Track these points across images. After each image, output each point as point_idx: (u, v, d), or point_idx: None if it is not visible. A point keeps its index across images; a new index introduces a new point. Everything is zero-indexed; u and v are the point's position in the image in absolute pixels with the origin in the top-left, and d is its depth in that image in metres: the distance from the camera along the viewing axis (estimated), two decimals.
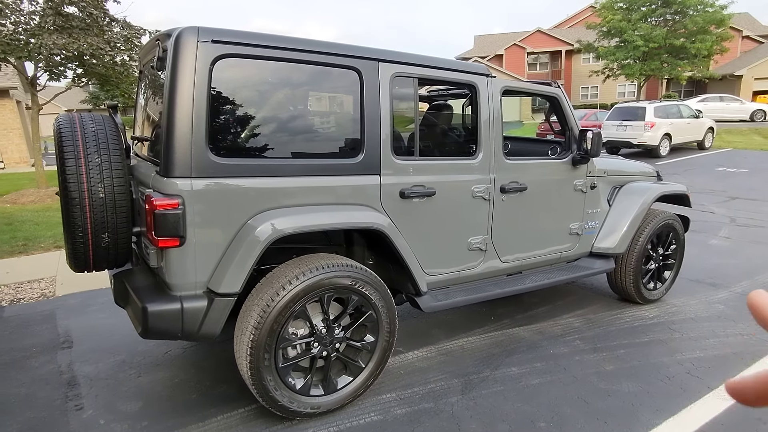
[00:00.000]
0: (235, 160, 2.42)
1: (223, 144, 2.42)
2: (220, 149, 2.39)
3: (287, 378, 2.58)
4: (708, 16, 26.12)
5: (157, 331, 2.31)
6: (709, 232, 6.84)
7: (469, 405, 2.87)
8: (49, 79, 9.92)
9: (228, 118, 2.45)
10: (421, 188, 2.95)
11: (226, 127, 2.45)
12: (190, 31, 2.28)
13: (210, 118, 2.31)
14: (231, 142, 2.47)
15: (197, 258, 2.34)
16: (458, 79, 3.15)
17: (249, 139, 2.53)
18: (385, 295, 2.79)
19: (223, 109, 2.42)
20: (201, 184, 2.30)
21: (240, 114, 2.50)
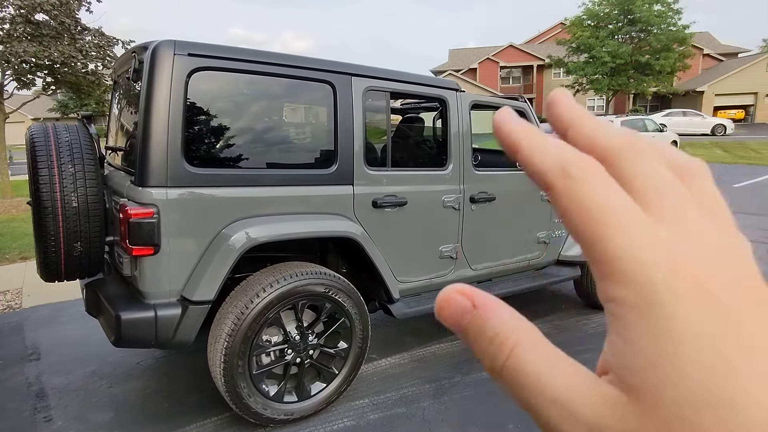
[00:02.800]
0: (210, 170, 2.47)
1: (199, 154, 2.47)
2: (196, 159, 2.43)
3: (261, 385, 2.61)
4: (671, 35, 27.27)
5: (130, 339, 2.33)
6: None
7: (440, 409, 2.95)
8: (18, 87, 9.72)
9: (203, 129, 2.50)
10: (393, 198, 3.04)
11: (201, 138, 2.50)
12: (166, 45, 2.33)
13: (185, 129, 2.36)
14: (206, 152, 2.52)
15: (171, 266, 2.37)
16: (429, 93, 3.27)
17: (224, 150, 2.58)
18: (358, 303, 2.86)
19: (199, 120, 2.47)
20: (176, 193, 2.34)
21: (215, 125, 2.56)
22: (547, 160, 0.23)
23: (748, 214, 8.86)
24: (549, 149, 0.23)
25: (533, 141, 0.24)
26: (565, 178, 0.22)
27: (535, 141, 0.24)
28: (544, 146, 0.23)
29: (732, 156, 17.39)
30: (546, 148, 0.23)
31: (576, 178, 0.22)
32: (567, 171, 0.22)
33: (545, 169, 0.23)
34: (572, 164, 0.22)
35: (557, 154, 0.23)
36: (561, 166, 0.22)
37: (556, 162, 0.23)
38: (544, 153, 0.23)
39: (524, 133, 0.24)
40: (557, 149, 0.23)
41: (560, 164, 0.22)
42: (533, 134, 0.24)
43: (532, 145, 0.24)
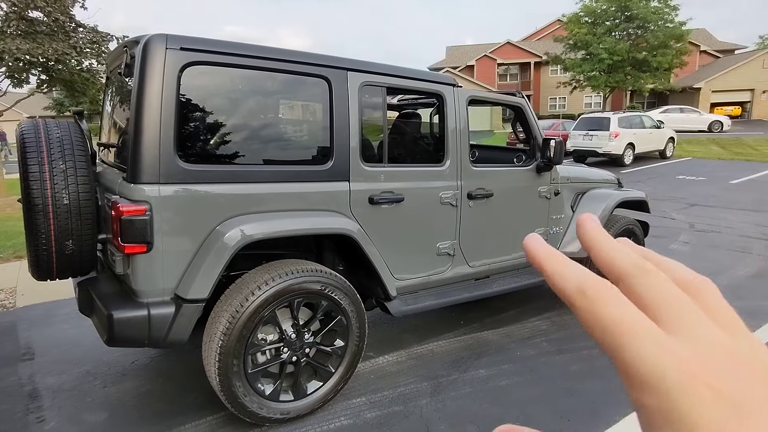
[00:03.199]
0: (204, 166, 2.44)
1: (192, 150, 2.43)
2: (189, 155, 2.40)
3: (256, 384, 2.58)
4: (668, 31, 27.25)
5: (123, 338, 2.29)
6: (669, 237, 7.11)
7: (438, 407, 2.92)
8: (11, 85, 9.65)
9: (197, 125, 2.46)
10: (390, 194, 3.01)
11: (194, 134, 2.46)
12: (158, 39, 2.29)
13: (178, 124, 2.32)
14: (200, 148, 2.49)
15: (165, 264, 2.34)
16: (426, 88, 3.24)
17: (218, 146, 2.55)
18: (354, 300, 2.83)
19: (192, 116, 2.43)
20: (169, 190, 2.31)
21: (209, 121, 2.52)
22: (568, 283, 0.27)
23: (745, 210, 8.86)
24: (568, 274, 0.28)
25: (556, 266, 0.29)
26: (584, 298, 0.26)
27: (558, 266, 0.29)
28: (564, 271, 0.28)
29: (729, 152, 17.40)
30: (566, 272, 0.28)
31: (592, 298, 0.26)
32: (584, 293, 0.26)
33: (566, 290, 0.27)
34: (588, 287, 0.26)
35: (575, 278, 0.27)
36: (579, 289, 0.26)
37: (575, 285, 0.27)
38: (565, 277, 0.28)
39: (548, 259, 0.29)
40: (575, 274, 0.27)
41: (578, 287, 0.27)
42: (556, 260, 0.29)
43: (555, 270, 0.28)
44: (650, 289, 0.26)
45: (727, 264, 5.74)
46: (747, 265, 5.69)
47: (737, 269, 5.56)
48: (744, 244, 6.65)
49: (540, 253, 0.30)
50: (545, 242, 0.31)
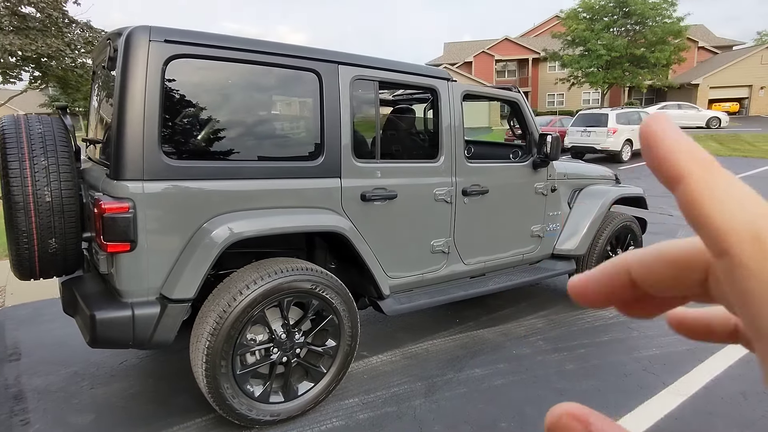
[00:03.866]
0: (190, 162, 2.37)
1: (177, 146, 2.37)
2: (174, 151, 2.33)
3: (245, 385, 2.52)
4: (666, 27, 27.17)
5: (106, 339, 2.23)
6: (667, 233, 7.07)
7: (432, 408, 2.87)
8: (3, 81, 9.55)
9: (182, 120, 2.39)
10: (383, 191, 2.95)
11: (180, 129, 2.39)
12: (141, 30, 2.22)
13: (163, 119, 2.26)
14: (185, 144, 2.42)
15: (149, 263, 2.27)
16: (419, 82, 3.17)
17: (204, 142, 2.48)
18: (346, 299, 2.77)
19: (177, 110, 2.36)
20: (153, 187, 2.24)
21: (195, 116, 2.45)
22: (731, 215, 0.18)
23: None
24: (737, 200, 0.18)
25: (711, 175, 0.19)
26: (758, 252, 0.17)
27: (716, 177, 0.19)
28: (729, 191, 0.18)
29: (727, 149, 17.36)
30: (732, 196, 0.18)
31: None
32: (764, 243, 0.17)
33: (724, 225, 0.18)
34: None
35: (750, 212, 0.18)
36: (755, 233, 0.18)
37: (746, 224, 0.18)
38: (726, 201, 0.18)
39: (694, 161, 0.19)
40: (750, 204, 0.18)
41: (754, 229, 0.18)
42: (708, 164, 0.19)
43: (707, 181, 0.19)
44: None
45: None
46: None
47: None
48: None
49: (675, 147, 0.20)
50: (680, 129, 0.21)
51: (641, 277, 0.23)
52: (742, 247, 0.18)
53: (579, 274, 0.26)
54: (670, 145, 0.20)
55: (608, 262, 0.25)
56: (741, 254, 0.18)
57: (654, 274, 0.23)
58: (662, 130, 0.20)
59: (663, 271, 0.23)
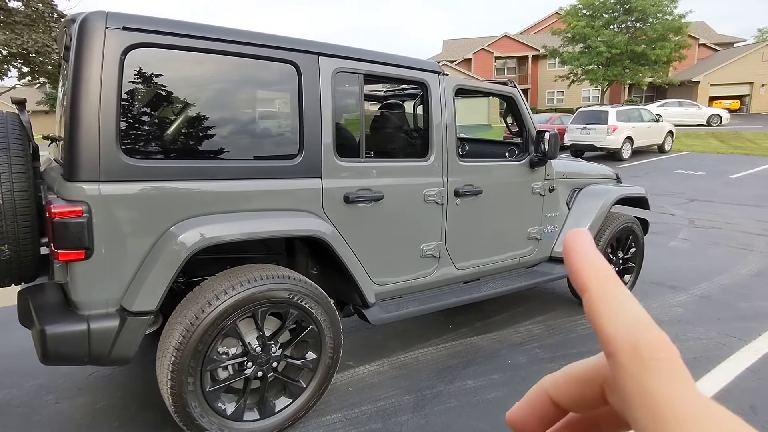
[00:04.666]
0: (152, 162, 2.17)
1: (139, 144, 2.16)
2: (134, 150, 2.13)
3: (216, 403, 2.33)
4: (667, 24, 26.94)
5: (58, 356, 2.03)
6: (668, 234, 6.88)
7: (420, 424, 2.68)
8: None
9: (144, 116, 2.19)
10: (368, 192, 2.75)
11: (142, 126, 2.19)
12: (97, 17, 2.02)
13: (121, 115, 2.06)
14: (148, 142, 2.21)
15: (108, 272, 2.07)
16: (408, 76, 2.97)
17: (169, 139, 2.28)
18: (327, 309, 2.58)
19: (138, 105, 2.16)
20: (110, 189, 2.04)
21: (159, 111, 2.25)
22: (618, 328, 0.22)
23: (745, 205, 8.63)
24: (620, 312, 0.22)
25: (604, 293, 0.23)
26: (635, 358, 0.21)
27: (607, 294, 0.23)
28: (615, 305, 0.22)
29: (728, 146, 17.17)
30: (617, 309, 0.22)
31: (647, 364, 0.20)
32: (638, 350, 0.21)
33: (611, 335, 0.22)
34: (646, 343, 0.21)
35: (630, 325, 0.22)
36: (631, 342, 0.21)
37: (627, 334, 0.21)
38: (614, 315, 0.22)
39: (596, 279, 0.23)
40: (631, 316, 0.22)
41: (631, 339, 0.21)
42: (607, 282, 0.23)
43: (602, 297, 0.23)
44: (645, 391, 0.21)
45: (729, 262, 5.51)
46: (750, 263, 5.46)
47: (740, 267, 5.33)
48: (746, 240, 6.42)
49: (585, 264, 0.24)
50: (594, 247, 0.25)
51: (557, 397, 0.27)
52: (622, 352, 0.21)
53: (512, 408, 0.30)
54: (581, 260, 0.25)
55: (530, 390, 0.29)
56: (622, 358, 0.21)
57: (565, 392, 0.27)
58: (578, 244, 0.25)
59: (572, 389, 0.26)
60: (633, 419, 0.21)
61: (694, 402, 0.20)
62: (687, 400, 0.20)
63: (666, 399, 0.20)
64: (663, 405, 0.20)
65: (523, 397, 0.30)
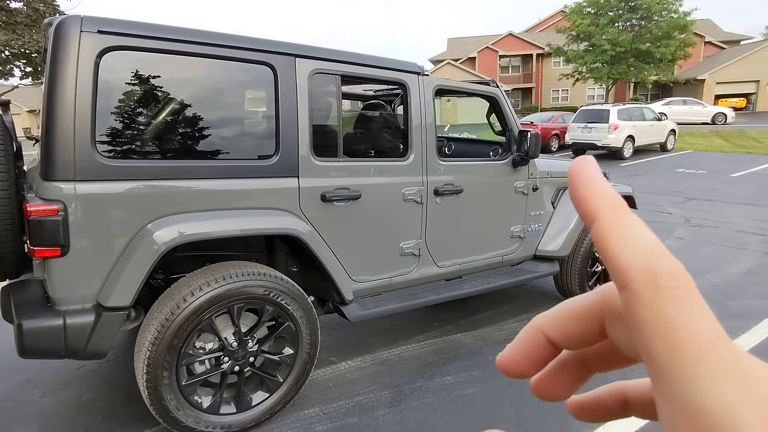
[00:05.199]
0: (127, 161, 2.23)
1: (113, 145, 2.22)
2: (111, 150, 2.19)
3: (192, 396, 2.39)
4: (672, 22, 26.75)
5: (35, 350, 2.10)
6: (663, 232, 6.87)
7: (395, 419, 2.73)
8: None
9: (119, 117, 2.25)
10: (346, 191, 2.80)
11: (117, 127, 2.25)
12: (72, 21, 2.08)
13: (96, 116, 2.12)
14: (122, 142, 2.27)
15: (84, 269, 2.14)
16: (386, 76, 3.02)
17: (144, 140, 2.34)
18: (304, 305, 2.63)
19: (113, 107, 2.22)
20: (86, 188, 2.10)
21: (134, 112, 2.31)
22: (631, 255, 0.21)
23: (744, 204, 8.60)
24: (636, 239, 0.21)
25: (619, 218, 0.22)
26: (652, 286, 0.20)
27: (622, 221, 0.22)
28: (630, 232, 0.21)
29: (731, 145, 17.06)
30: (632, 235, 0.21)
31: (665, 292, 0.20)
32: (656, 278, 0.20)
33: (625, 263, 0.21)
34: (664, 272, 0.20)
35: (646, 251, 0.21)
36: (649, 269, 0.20)
37: (643, 261, 0.21)
38: (629, 242, 0.21)
39: (608, 204, 0.23)
40: (646, 243, 0.21)
41: (650, 268, 0.20)
42: (619, 209, 0.22)
43: (616, 223, 0.22)
44: None
45: (720, 261, 5.51)
46: (741, 262, 5.46)
47: (731, 266, 5.33)
48: (740, 239, 6.41)
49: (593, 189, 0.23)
50: (602, 175, 0.23)
51: (553, 334, 0.27)
52: (638, 281, 0.20)
53: (503, 351, 0.28)
54: (588, 187, 0.23)
55: (524, 330, 0.28)
56: (637, 287, 0.20)
57: (563, 329, 0.26)
58: (585, 172, 0.24)
59: (570, 324, 0.26)
60: (648, 351, 0.20)
61: (713, 331, 0.19)
62: (707, 329, 0.19)
63: (685, 328, 0.19)
64: (682, 334, 0.19)
65: (514, 340, 0.29)
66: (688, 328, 0.19)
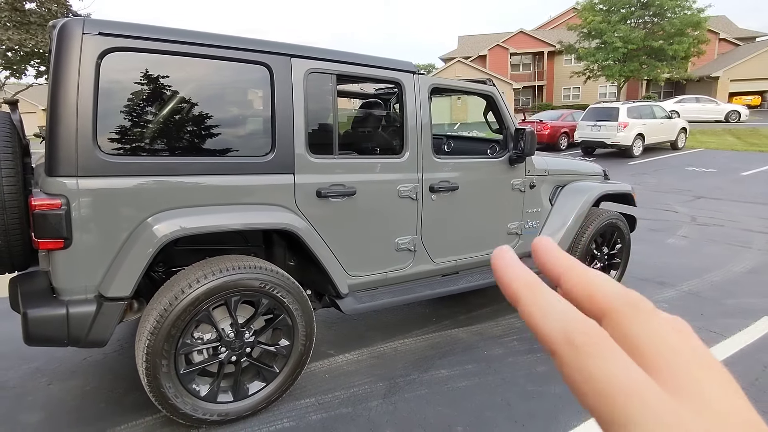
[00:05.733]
0: (128, 158, 2.32)
1: (114, 142, 2.32)
2: (111, 147, 2.29)
3: (190, 385, 2.48)
4: (685, 19, 26.41)
5: (39, 337, 2.21)
6: (668, 231, 6.86)
7: (388, 410, 2.80)
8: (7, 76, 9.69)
9: (120, 116, 2.34)
10: (341, 188, 2.87)
11: (118, 125, 2.34)
12: (74, 23, 2.18)
13: (98, 115, 2.21)
14: (124, 140, 2.36)
15: (86, 261, 2.24)
16: (382, 76, 3.08)
17: (144, 137, 2.43)
18: (299, 298, 2.71)
19: (114, 106, 2.31)
20: (88, 183, 2.20)
21: (134, 111, 2.40)
22: (550, 324, 0.23)
23: (752, 203, 8.53)
24: (551, 310, 0.24)
25: (534, 297, 0.24)
26: (570, 347, 0.22)
27: (537, 297, 0.24)
28: (546, 305, 0.24)
29: (743, 143, 16.86)
30: (548, 308, 0.24)
31: (582, 350, 0.22)
32: (571, 339, 0.22)
33: (547, 333, 0.23)
34: (576, 331, 0.22)
35: (560, 318, 0.23)
36: (564, 333, 0.22)
37: (559, 327, 0.23)
38: (546, 314, 0.24)
39: (525, 287, 0.25)
40: (560, 312, 0.23)
41: (564, 330, 0.22)
42: (534, 288, 0.25)
43: (533, 301, 0.24)
44: (645, 334, 0.23)
45: (723, 259, 5.50)
46: (744, 260, 5.45)
47: (733, 265, 5.32)
48: (745, 238, 6.38)
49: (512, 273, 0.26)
50: (518, 261, 0.27)
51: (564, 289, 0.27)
52: (559, 345, 0.22)
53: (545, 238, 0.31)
54: (508, 274, 0.26)
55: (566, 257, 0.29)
56: (560, 351, 0.22)
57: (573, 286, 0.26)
58: (504, 261, 0.27)
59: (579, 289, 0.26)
60: (588, 407, 0.21)
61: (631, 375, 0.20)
62: (625, 374, 0.20)
63: (606, 377, 0.20)
64: (604, 384, 0.20)
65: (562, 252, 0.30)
66: (609, 378, 0.20)
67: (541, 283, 0.25)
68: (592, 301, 0.24)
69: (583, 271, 0.26)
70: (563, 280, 0.26)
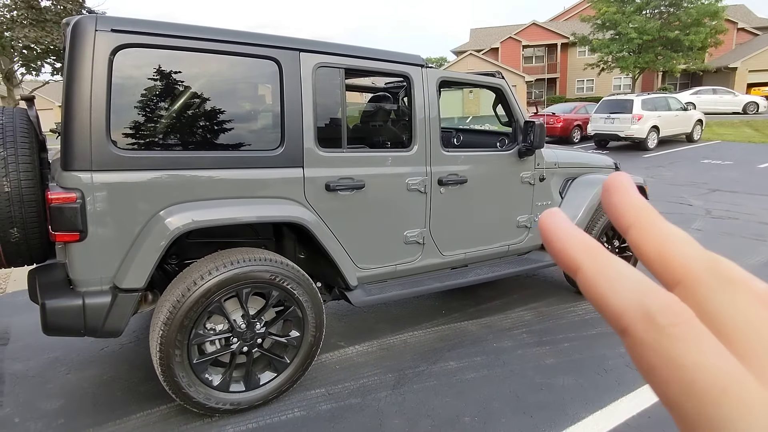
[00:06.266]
0: (141, 152, 2.37)
1: (127, 137, 2.37)
2: (124, 142, 2.34)
3: (203, 374, 2.54)
4: (702, 9, 25.88)
5: (57, 327, 2.27)
6: (682, 224, 6.78)
7: (397, 400, 2.84)
8: (26, 72, 9.86)
9: (132, 111, 2.39)
10: (350, 181, 2.90)
11: (130, 120, 2.39)
12: (87, 21, 2.22)
13: (111, 110, 2.26)
14: (135, 134, 2.41)
15: (101, 253, 2.30)
16: (390, 69, 3.09)
17: (156, 132, 2.47)
18: (309, 290, 2.75)
19: (127, 101, 2.36)
20: (102, 177, 2.25)
21: (146, 106, 2.45)
22: (621, 297, 0.20)
23: (766, 195, 8.39)
24: (622, 280, 0.20)
25: (599, 264, 0.21)
26: (651, 328, 0.19)
27: (602, 264, 0.21)
28: (614, 275, 0.20)
29: (761, 135, 16.54)
30: (617, 278, 0.20)
31: (666, 331, 0.18)
32: (653, 318, 0.19)
33: (617, 307, 0.20)
34: (659, 310, 0.19)
35: (635, 289, 0.19)
36: (644, 310, 0.19)
37: (634, 301, 0.19)
38: (616, 285, 0.20)
39: (585, 251, 0.21)
40: (634, 282, 0.20)
41: (642, 307, 0.19)
42: (597, 253, 0.21)
43: (598, 269, 0.21)
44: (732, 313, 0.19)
45: (737, 252, 5.43)
46: (759, 253, 5.38)
47: (748, 258, 5.25)
48: (761, 231, 6.29)
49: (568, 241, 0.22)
50: (571, 223, 0.23)
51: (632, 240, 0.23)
52: (636, 324, 0.19)
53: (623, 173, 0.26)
54: (564, 240, 0.22)
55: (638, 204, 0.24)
56: (637, 331, 0.19)
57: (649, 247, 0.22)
58: (555, 225, 0.23)
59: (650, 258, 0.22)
60: (666, 398, 0.18)
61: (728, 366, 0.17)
62: (721, 365, 0.17)
63: (698, 368, 0.17)
64: (696, 375, 0.17)
65: None
66: (701, 369, 0.17)
67: (603, 248, 0.22)
68: (665, 262, 0.21)
69: (660, 223, 0.22)
70: (635, 229, 0.22)
